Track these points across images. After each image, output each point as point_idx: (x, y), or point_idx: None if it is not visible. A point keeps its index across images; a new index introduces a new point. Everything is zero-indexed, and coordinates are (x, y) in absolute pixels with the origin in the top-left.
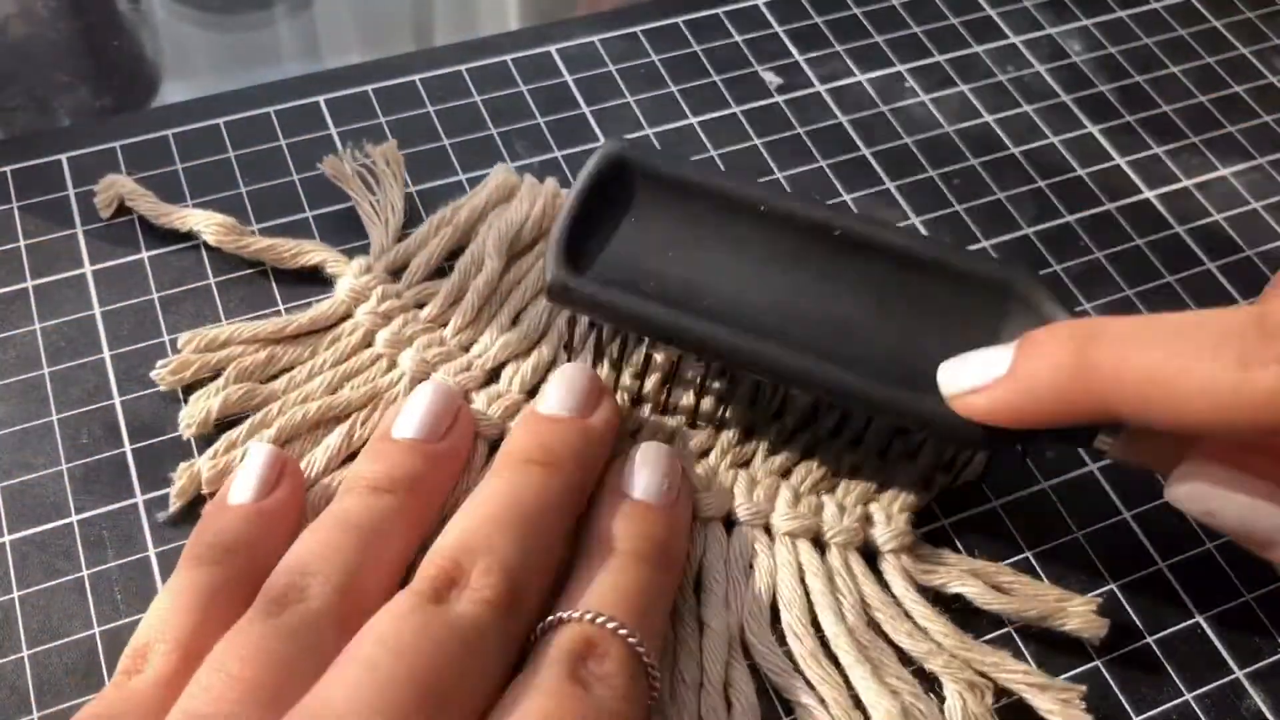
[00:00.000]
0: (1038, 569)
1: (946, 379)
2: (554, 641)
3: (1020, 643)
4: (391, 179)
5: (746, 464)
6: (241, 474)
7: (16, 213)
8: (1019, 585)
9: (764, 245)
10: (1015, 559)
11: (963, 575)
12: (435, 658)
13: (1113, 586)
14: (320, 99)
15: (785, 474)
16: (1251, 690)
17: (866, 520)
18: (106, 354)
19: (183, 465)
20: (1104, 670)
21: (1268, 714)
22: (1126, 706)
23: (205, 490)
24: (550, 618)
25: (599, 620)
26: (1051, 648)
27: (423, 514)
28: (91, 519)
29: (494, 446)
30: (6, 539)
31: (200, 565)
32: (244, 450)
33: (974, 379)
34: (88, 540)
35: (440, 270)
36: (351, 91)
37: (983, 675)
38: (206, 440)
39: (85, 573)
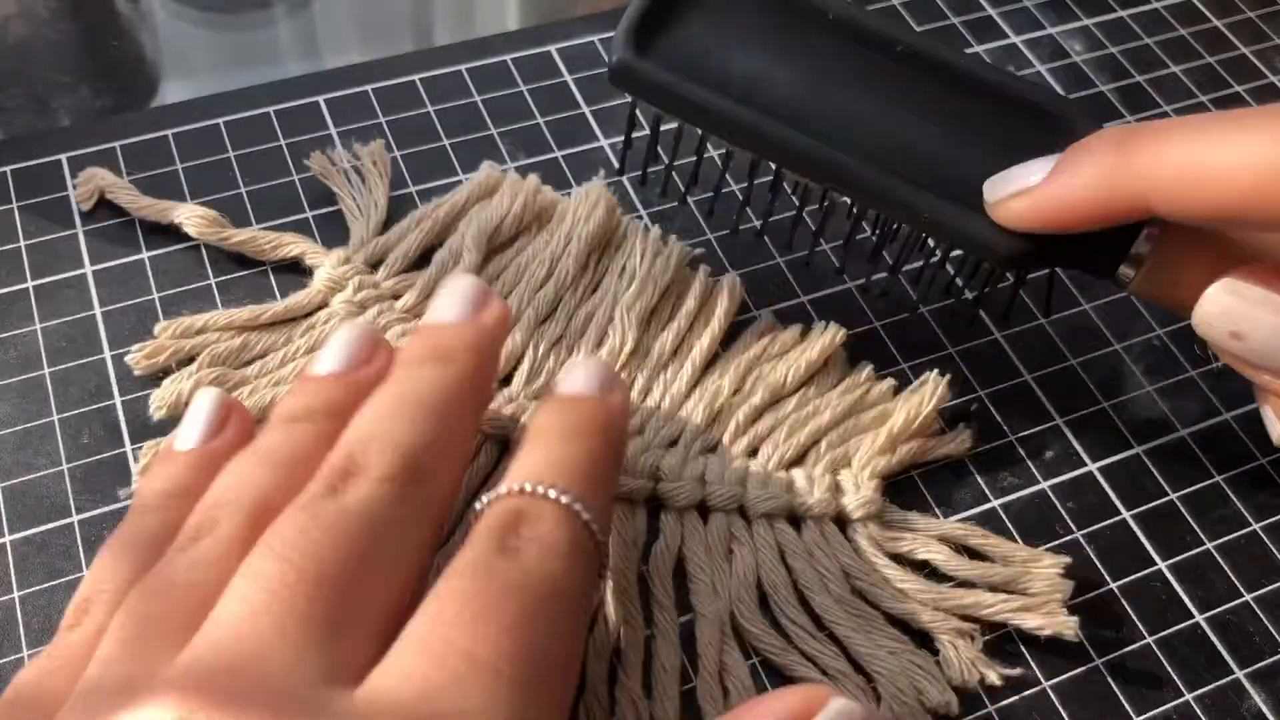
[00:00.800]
0: None
1: (991, 186)
2: (481, 520)
3: (1020, 643)
4: (377, 178)
5: (714, 449)
6: (187, 420)
7: (16, 213)
8: (988, 546)
9: (829, 54)
10: None
11: (929, 541)
12: (325, 547)
13: (1112, 586)
14: (320, 99)
15: (752, 453)
16: (1252, 690)
17: (836, 489)
18: (107, 354)
19: (148, 444)
20: (1104, 670)
21: (1268, 714)
22: (1127, 707)
23: None
24: (478, 502)
25: (528, 489)
26: (1050, 649)
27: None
28: (92, 519)
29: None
30: (7, 539)
31: (144, 514)
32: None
33: (1020, 183)
34: (88, 540)
35: (421, 264)
36: (351, 91)
37: (966, 617)
38: None
39: (86, 573)
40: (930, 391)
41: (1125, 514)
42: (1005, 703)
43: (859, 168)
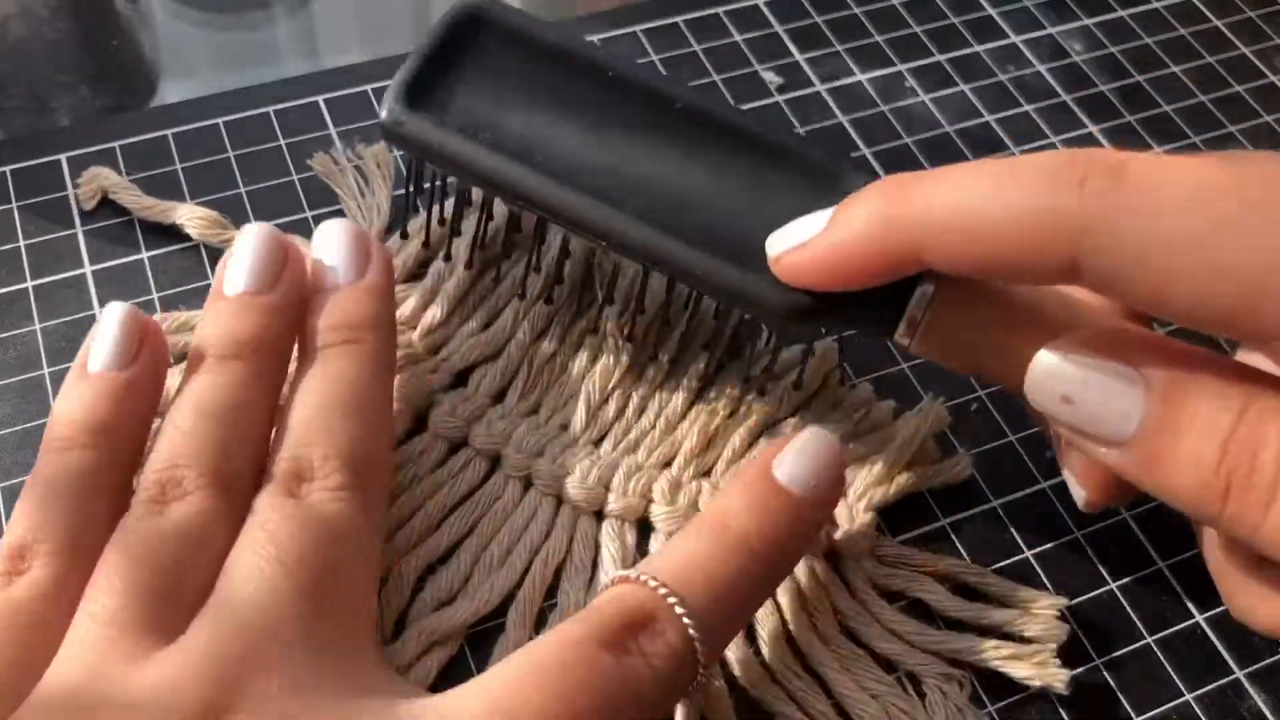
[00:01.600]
0: (1038, 570)
1: (772, 241)
2: (615, 597)
3: None
4: (380, 181)
5: (708, 473)
6: (99, 339)
7: (16, 213)
8: (987, 584)
9: (607, 110)
10: (1015, 559)
11: (924, 580)
12: (308, 547)
13: (1112, 586)
14: (320, 99)
15: None
16: (1251, 690)
17: (831, 522)
18: None
19: None
20: (1104, 670)
21: (1268, 714)
22: (1127, 706)
23: None
24: (625, 572)
25: (671, 601)
26: None
27: (276, 372)
28: None
29: (454, 447)
30: None
31: (67, 450)
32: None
33: (797, 237)
34: None
35: (417, 276)
36: (351, 91)
37: (956, 662)
38: None
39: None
40: (928, 418)
41: (1125, 514)
42: (1004, 703)
43: (631, 228)
